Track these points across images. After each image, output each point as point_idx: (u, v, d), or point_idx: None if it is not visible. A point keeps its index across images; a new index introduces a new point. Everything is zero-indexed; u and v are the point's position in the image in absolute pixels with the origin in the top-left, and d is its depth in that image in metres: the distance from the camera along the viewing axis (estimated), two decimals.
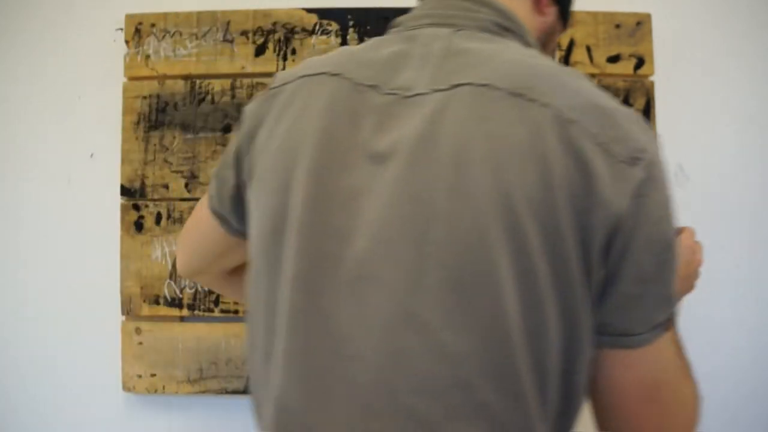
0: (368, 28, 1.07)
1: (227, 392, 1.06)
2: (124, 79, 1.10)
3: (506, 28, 0.63)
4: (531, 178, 0.52)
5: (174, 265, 1.07)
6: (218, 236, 0.72)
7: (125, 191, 1.09)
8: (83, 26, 1.15)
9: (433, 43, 0.60)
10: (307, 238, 0.56)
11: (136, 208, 1.08)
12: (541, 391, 0.54)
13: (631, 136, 0.54)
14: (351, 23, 1.07)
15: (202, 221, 0.74)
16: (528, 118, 0.53)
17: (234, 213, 0.69)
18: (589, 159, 0.52)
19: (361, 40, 1.07)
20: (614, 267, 0.54)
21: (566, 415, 0.58)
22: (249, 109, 0.66)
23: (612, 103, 0.56)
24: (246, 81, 1.08)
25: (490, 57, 0.57)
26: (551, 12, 0.69)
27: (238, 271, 0.80)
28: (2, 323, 1.15)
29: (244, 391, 1.05)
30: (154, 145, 1.08)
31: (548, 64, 0.59)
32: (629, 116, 0.56)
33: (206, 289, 1.06)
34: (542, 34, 0.68)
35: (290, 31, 1.08)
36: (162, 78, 1.09)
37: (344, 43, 1.07)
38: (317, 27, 1.08)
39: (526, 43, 0.64)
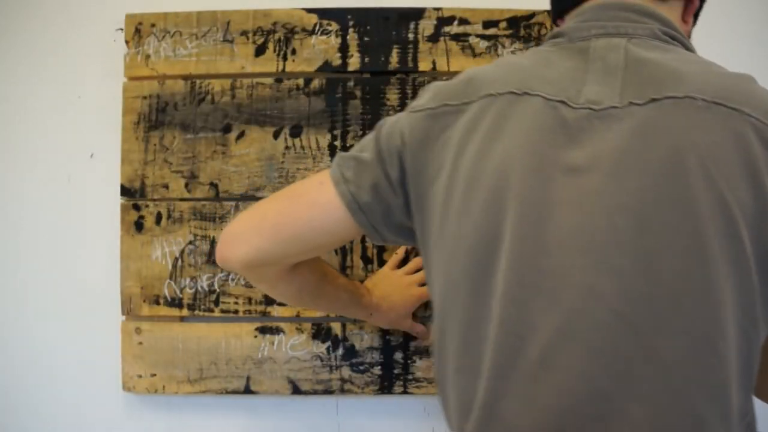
0: (368, 28, 1.07)
1: (227, 392, 1.06)
2: (124, 79, 1.10)
3: (672, 36, 0.64)
4: (742, 185, 0.53)
5: (174, 265, 1.07)
6: (339, 226, 0.69)
7: (125, 191, 1.08)
8: (83, 26, 1.15)
9: (609, 55, 0.61)
10: (515, 257, 0.57)
11: (136, 208, 1.08)
12: (745, 402, 0.55)
13: None
14: (351, 23, 1.07)
15: (317, 206, 0.70)
16: (731, 127, 0.54)
17: (385, 210, 0.68)
18: None
19: (361, 40, 1.07)
20: None
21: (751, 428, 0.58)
22: (411, 122, 0.65)
23: None
24: (246, 81, 1.08)
25: (677, 68, 0.59)
26: (691, 21, 0.72)
27: (297, 267, 0.77)
28: (2, 323, 1.15)
29: (244, 391, 1.05)
30: (154, 145, 1.08)
31: (728, 72, 0.61)
32: None
33: (206, 289, 1.06)
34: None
35: (290, 31, 1.08)
36: (162, 78, 1.09)
37: (344, 43, 1.07)
38: (317, 27, 1.08)
39: (689, 50, 0.65)
